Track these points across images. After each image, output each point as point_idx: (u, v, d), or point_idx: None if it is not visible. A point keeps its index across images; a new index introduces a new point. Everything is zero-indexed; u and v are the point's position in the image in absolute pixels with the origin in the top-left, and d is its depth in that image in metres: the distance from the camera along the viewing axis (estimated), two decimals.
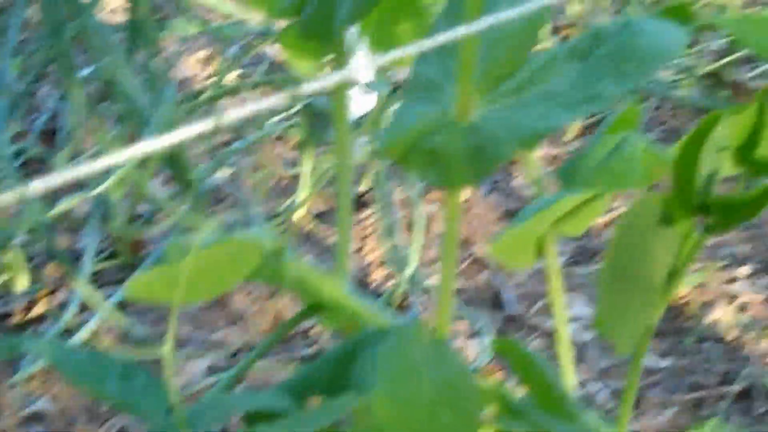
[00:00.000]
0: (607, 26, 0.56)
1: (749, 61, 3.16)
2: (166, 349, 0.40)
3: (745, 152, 0.59)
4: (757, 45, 0.60)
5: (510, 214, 2.35)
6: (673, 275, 0.61)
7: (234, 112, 0.46)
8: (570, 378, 0.75)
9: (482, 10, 0.54)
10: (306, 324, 1.78)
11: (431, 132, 0.54)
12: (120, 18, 2.30)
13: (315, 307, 0.62)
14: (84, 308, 1.43)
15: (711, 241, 1.96)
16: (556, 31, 2.41)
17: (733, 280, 2.11)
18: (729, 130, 0.60)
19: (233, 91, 2.23)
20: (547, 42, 2.33)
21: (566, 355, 0.80)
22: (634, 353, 0.64)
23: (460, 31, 0.51)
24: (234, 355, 1.55)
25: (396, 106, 2.21)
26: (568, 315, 1.82)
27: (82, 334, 1.40)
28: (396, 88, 2.44)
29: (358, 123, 2.08)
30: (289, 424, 0.49)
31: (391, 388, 0.52)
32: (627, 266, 0.60)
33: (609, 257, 0.60)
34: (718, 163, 0.59)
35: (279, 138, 2.31)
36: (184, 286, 0.47)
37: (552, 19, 2.39)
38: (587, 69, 0.55)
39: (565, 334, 0.83)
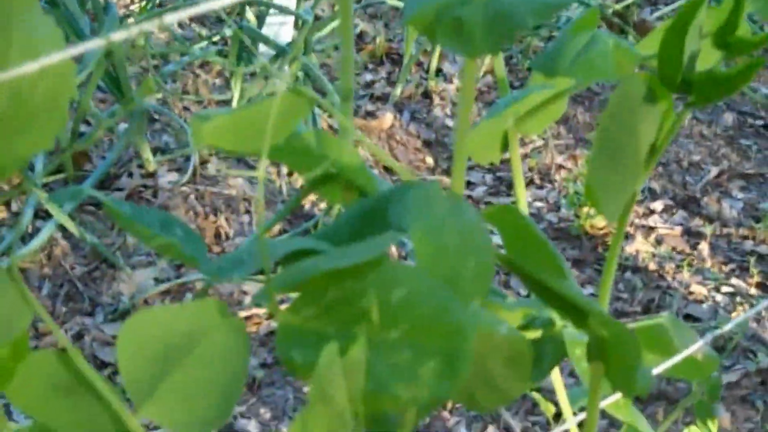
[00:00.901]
0: None
1: (652, 2, 3.25)
2: (260, 171, 0.44)
3: (724, 34, 0.66)
4: None
5: (429, 143, 2.41)
6: (655, 148, 0.68)
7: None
8: None
9: None
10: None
11: (453, 5, 0.60)
12: None
13: (326, 176, 0.67)
14: (37, 216, 1.46)
15: None
16: None
17: (649, 213, 2.20)
18: (708, 20, 0.67)
19: (158, 15, 2.24)
20: None
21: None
22: (619, 221, 0.71)
23: None
24: (179, 267, 1.59)
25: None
26: None
27: (39, 241, 1.42)
28: (318, 18, 2.48)
29: (283, 51, 2.12)
30: (336, 256, 0.54)
31: (421, 238, 0.58)
32: (615, 140, 0.66)
33: (599, 132, 0.66)
34: (699, 45, 0.66)
35: (203, 65, 2.34)
36: (264, 129, 0.52)
37: None
38: None
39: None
